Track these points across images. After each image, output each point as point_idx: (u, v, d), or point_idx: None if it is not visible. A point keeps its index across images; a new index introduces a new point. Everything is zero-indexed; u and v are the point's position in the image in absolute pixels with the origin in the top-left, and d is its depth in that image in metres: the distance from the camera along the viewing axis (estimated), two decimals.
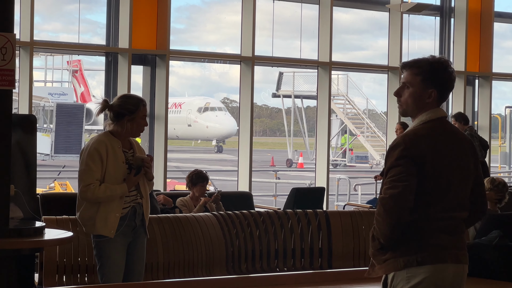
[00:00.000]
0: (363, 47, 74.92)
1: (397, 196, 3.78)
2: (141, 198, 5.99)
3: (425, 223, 3.84)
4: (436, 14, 15.27)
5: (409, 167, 3.80)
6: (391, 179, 3.82)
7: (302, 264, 7.79)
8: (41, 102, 30.11)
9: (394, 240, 3.83)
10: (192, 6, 74.93)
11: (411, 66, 3.98)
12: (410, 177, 3.80)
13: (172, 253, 7.14)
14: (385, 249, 3.87)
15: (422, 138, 3.87)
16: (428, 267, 3.82)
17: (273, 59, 14.21)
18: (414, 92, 3.97)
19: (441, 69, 3.95)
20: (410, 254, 3.83)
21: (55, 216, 6.91)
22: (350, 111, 36.57)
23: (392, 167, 3.84)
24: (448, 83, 3.97)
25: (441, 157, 3.87)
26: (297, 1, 14.43)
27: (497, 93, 65.06)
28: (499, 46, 18.28)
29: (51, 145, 26.76)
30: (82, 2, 14.98)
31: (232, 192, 10.76)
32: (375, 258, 3.94)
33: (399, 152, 3.83)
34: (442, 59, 3.99)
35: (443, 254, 3.84)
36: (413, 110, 3.99)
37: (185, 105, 42.95)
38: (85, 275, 6.79)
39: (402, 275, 3.84)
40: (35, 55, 33.50)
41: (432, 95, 3.94)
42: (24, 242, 5.61)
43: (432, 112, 3.95)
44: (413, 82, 3.97)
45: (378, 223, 3.83)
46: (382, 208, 3.81)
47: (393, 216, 3.79)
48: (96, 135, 6.05)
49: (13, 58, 5.67)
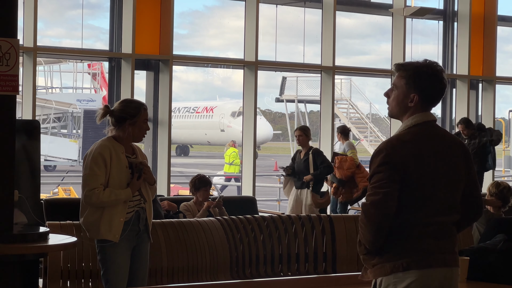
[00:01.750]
0: (365, 51, 75.02)
1: (378, 202, 3.79)
2: (144, 202, 5.99)
3: (410, 229, 3.84)
4: (439, 18, 15.27)
5: (391, 174, 3.79)
6: (373, 186, 3.83)
7: (306, 269, 7.78)
8: (69, 108, 30.44)
9: (378, 245, 3.85)
10: (195, 12, 75.03)
11: (399, 68, 3.97)
12: (392, 183, 3.79)
13: (176, 258, 7.14)
14: (372, 254, 3.90)
15: (405, 143, 3.86)
16: (414, 272, 3.82)
17: (276, 63, 14.22)
18: (398, 95, 3.96)
19: (426, 74, 3.90)
20: (396, 260, 3.84)
21: (59, 222, 6.91)
22: (353, 115, 36.58)
23: (374, 174, 3.84)
24: (431, 89, 3.91)
25: (426, 162, 3.85)
26: (300, 6, 14.44)
27: (500, 97, 65.08)
28: (501, 50, 18.30)
29: (79, 150, 27.19)
30: (85, 7, 15.03)
31: (235, 197, 10.76)
32: (365, 263, 3.98)
33: (380, 158, 3.83)
34: (431, 64, 3.93)
35: (429, 259, 3.83)
36: (397, 113, 3.99)
37: (217, 109, 42.41)
38: (89, 280, 6.78)
39: (389, 280, 3.86)
40: (64, 62, 33.71)
41: (414, 100, 3.91)
42: (28, 247, 5.61)
43: (418, 116, 3.92)
44: (398, 84, 3.97)
45: (362, 229, 3.87)
46: (364, 214, 3.85)
47: (374, 222, 3.81)
48: (99, 140, 6.06)
49: (16, 64, 5.68)
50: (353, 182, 12.26)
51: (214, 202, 8.48)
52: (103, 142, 5.94)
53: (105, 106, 6.05)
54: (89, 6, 45.29)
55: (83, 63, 34.54)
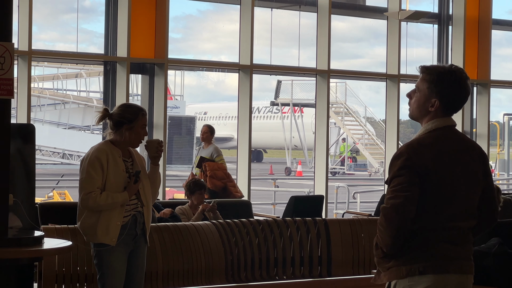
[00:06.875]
0: (359, 55, 75.10)
1: (398, 206, 3.79)
2: (141, 206, 5.99)
3: (429, 233, 3.84)
4: (434, 22, 15.29)
5: (411, 177, 3.80)
6: (393, 189, 3.82)
7: (302, 272, 7.78)
8: None
9: (396, 249, 3.84)
10: (189, 16, 75.09)
11: (424, 71, 3.96)
12: (412, 187, 3.79)
13: (171, 262, 7.13)
14: (388, 257, 3.88)
15: (426, 147, 3.86)
16: (430, 276, 3.82)
17: (271, 67, 14.23)
18: (419, 98, 3.97)
19: (449, 80, 3.91)
20: (412, 263, 3.84)
21: (54, 226, 6.91)
22: (348, 119, 36.59)
23: (395, 177, 3.84)
24: (453, 96, 3.92)
25: (446, 166, 3.85)
26: (295, 10, 14.45)
27: (493, 101, 65.15)
28: (494, 54, 18.29)
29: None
30: (79, 12, 15.05)
31: (231, 201, 10.75)
32: (379, 266, 3.95)
33: (401, 162, 3.82)
34: (456, 71, 3.92)
35: (445, 264, 3.84)
36: (418, 116, 3.99)
37: None
38: (84, 284, 6.77)
39: (404, 283, 3.85)
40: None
41: (435, 105, 3.91)
42: (23, 251, 5.60)
43: (438, 120, 3.93)
44: (421, 87, 3.97)
45: (380, 232, 3.85)
46: (384, 218, 3.82)
47: (393, 226, 3.80)
48: (96, 144, 6.05)
49: (11, 67, 5.67)
50: (225, 193, 11.00)
51: (209, 205, 8.49)
52: (100, 146, 5.94)
53: (104, 109, 6.03)
54: (83, 10, 45.29)
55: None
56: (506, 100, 74.74)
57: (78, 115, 33.45)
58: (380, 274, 3.96)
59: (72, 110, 34.25)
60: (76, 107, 34.33)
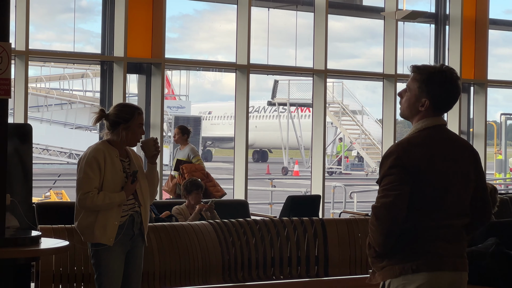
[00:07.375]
0: (356, 55, 75.14)
1: (389, 205, 3.79)
2: (139, 206, 5.99)
3: (421, 231, 3.85)
4: (431, 22, 15.30)
5: (402, 176, 3.80)
6: (384, 188, 3.83)
7: (299, 272, 7.79)
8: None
9: (388, 248, 3.84)
10: (186, 16, 75.09)
11: (415, 71, 3.97)
12: (403, 186, 3.80)
13: (168, 262, 7.14)
14: (381, 257, 3.89)
15: (416, 146, 3.87)
16: (423, 274, 3.83)
17: (268, 67, 14.23)
18: (410, 97, 3.98)
19: (439, 80, 3.91)
20: (405, 262, 3.84)
21: (51, 225, 6.91)
22: (345, 118, 36.60)
23: (385, 176, 3.84)
24: (443, 96, 3.93)
25: (437, 165, 3.85)
26: (292, 10, 14.45)
27: (490, 100, 65.29)
28: (491, 54, 18.30)
29: (170, 155, 28.26)
30: (76, 11, 15.03)
31: (228, 200, 10.75)
32: (373, 266, 3.96)
33: (392, 161, 3.83)
34: (446, 71, 3.93)
35: (439, 261, 3.84)
36: (408, 115, 4.01)
37: None
38: (81, 284, 6.78)
39: (398, 281, 3.86)
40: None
41: (425, 104, 3.92)
42: (20, 251, 5.60)
43: (428, 120, 3.94)
44: (411, 87, 3.98)
45: (372, 231, 3.85)
46: (375, 217, 3.83)
47: (384, 225, 3.80)
48: (93, 144, 6.05)
49: (8, 67, 5.67)
50: (205, 193, 10.41)
51: (206, 205, 8.49)
52: (98, 146, 5.94)
53: (100, 110, 6.04)
54: (80, 10, 45.31)
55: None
56: (503, 100, 74.88)
57: (85, 115, 33.53)
58: (375, 274, 3.97)
59: (79, 110, 34.35)
60: (82, 107, 34.48)
